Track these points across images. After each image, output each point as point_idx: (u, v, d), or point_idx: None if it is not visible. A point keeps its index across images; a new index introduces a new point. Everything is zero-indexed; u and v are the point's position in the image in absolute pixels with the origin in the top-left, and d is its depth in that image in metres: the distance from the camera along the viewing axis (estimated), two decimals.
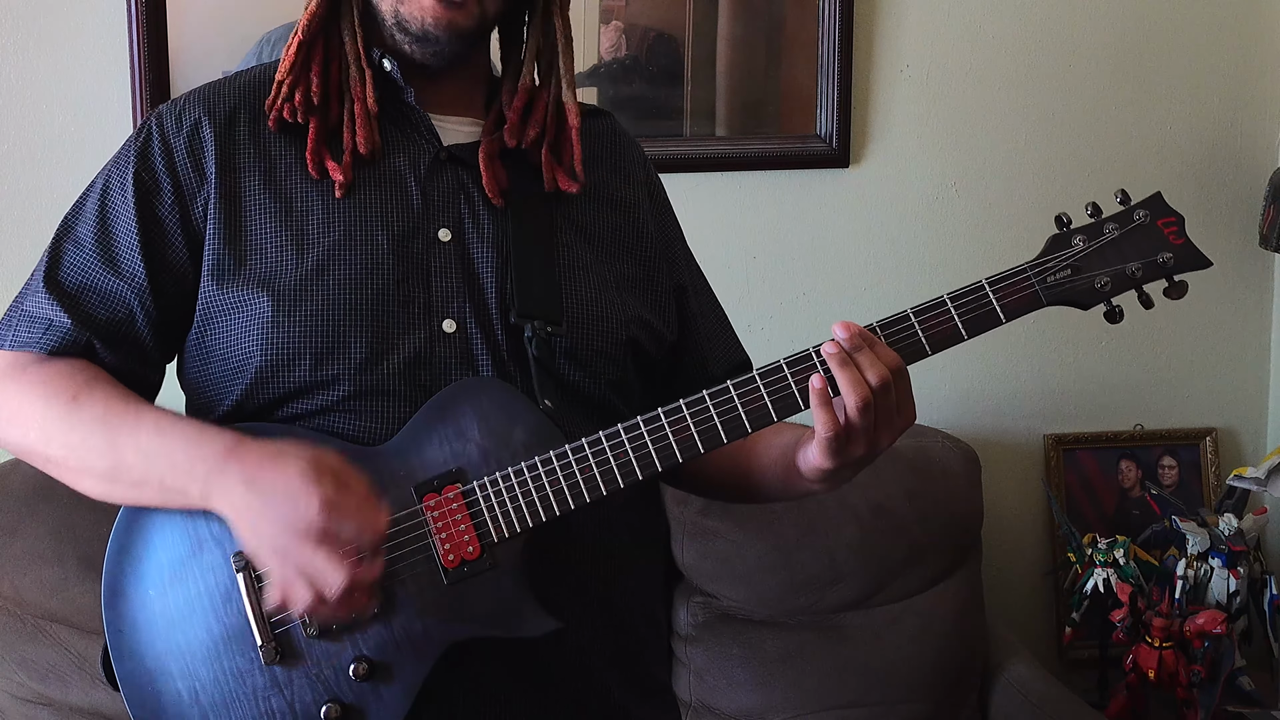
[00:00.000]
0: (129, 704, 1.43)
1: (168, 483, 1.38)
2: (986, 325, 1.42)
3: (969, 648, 2.61)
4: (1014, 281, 1.43)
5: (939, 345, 1.41)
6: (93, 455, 1.41)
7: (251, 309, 1.43)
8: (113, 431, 1.40)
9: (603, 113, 1.67)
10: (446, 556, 1.39)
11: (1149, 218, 1.45)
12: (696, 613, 2.55)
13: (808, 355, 1.42)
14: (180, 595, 1.42)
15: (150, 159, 1.47)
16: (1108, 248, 1.44)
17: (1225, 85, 2.88)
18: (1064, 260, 1.43)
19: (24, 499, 2.35)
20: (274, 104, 1.47)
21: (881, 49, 2.75)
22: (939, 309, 1.41)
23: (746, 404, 1.41)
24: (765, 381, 1.41)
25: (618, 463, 1.40)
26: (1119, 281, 1.43)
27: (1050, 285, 1.43)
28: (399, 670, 1.39)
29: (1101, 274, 1.43)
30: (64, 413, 1.42)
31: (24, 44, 2.48)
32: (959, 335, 1.42)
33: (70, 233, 1.49)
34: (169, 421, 1.41)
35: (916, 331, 1.41)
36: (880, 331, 1.41)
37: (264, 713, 1.40)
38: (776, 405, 1.41)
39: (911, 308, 1.42)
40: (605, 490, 1.40)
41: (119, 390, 1.44)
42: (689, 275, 1.67)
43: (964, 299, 1.42)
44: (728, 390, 1.41)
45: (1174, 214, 1.46)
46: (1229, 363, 2.95)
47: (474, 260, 1.48)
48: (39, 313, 1.46)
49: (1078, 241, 1.44)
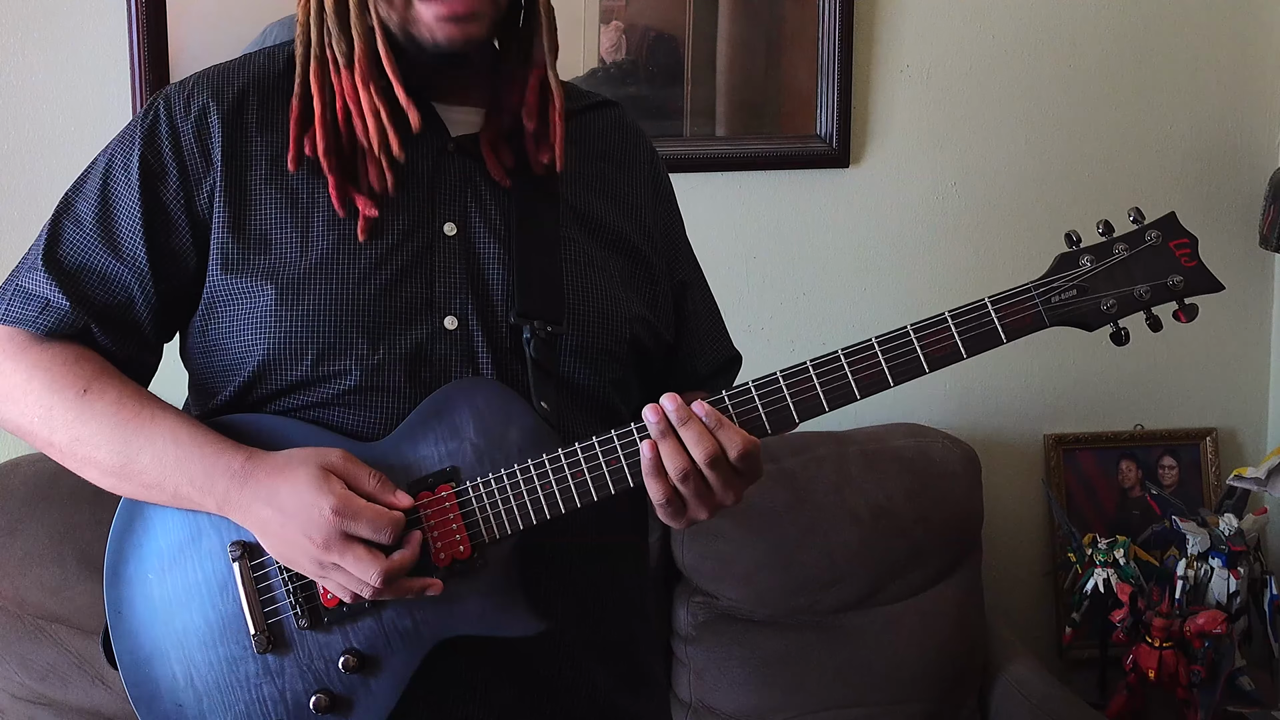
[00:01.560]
0: (126, 683, 1.46)
1: (182, 493, 1.41)
2: (986, 345, 1.41)
3: (969, 648, 2.61)
4: (1017, 301, 1.40)
5: (937, 364, 1.40)
6: (102, 450, 1.42)
7: (256, 299, 1.44)
8: (127, 432, 1.42)
9: (610, 103, 1.66)
10: (438, 555, 1.40)
11: (1161, 239, 1.42)
12: (696, 613, 2.55)
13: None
14: (179, 580, 1.44)
15: (156, 142, 1.47)
16: (1116, 268, 1.41)
17: (1225, 85, 2.88)
18: (1070, 280, 1.41)
19: (24, 499, 2.35)
20: (289, 149, 1.46)
21: (881, 49, 2.75)
22: (939, 326, 1.40)
23: (741, 414, 1.40)
24: (760, 392, 1.40)
25: (610, 469, 1.40)
26: (1126, 303, 1.41)
27: (1055, 306, 1.40)
28: (388, 664, 1.41)
29: (1108, 295, 1.41)
30: (74, 403, 1.42)
31: (24, 44, 2.48)
32: (958, 354, 1.40)
33: (70, 210, 1.49)
34: (185, 431, 1.42)
35: (915, 349, 1.40)
36: (879, 347, 1.40)
37: (255, 699, 1.42)
38: (769, 418, 1.41)
39: (911, 324, 1.40)
40: (597, 496, 1.40)
41: (129, 386, 1.45)
42: (689, 272, 1.67)
43: (965, 317, 1.40)
44: (733, 393, 1.41)
45: (1187, 235, 1.43)
46: (1229, 363, 2.95)
47: (478, 256, 1.48)
48: (36, 290, 1.46)
49: (1085, 261, 1.41)
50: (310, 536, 1.35)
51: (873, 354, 1.40)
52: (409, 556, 1.37)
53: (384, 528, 1.36)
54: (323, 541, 1.35)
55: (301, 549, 1.36)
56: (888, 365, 1.40)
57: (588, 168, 1.57)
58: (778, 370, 1.41)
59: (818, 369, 1.40)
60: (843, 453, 2.59)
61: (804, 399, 1.40)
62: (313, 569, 1.38)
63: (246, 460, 1.39)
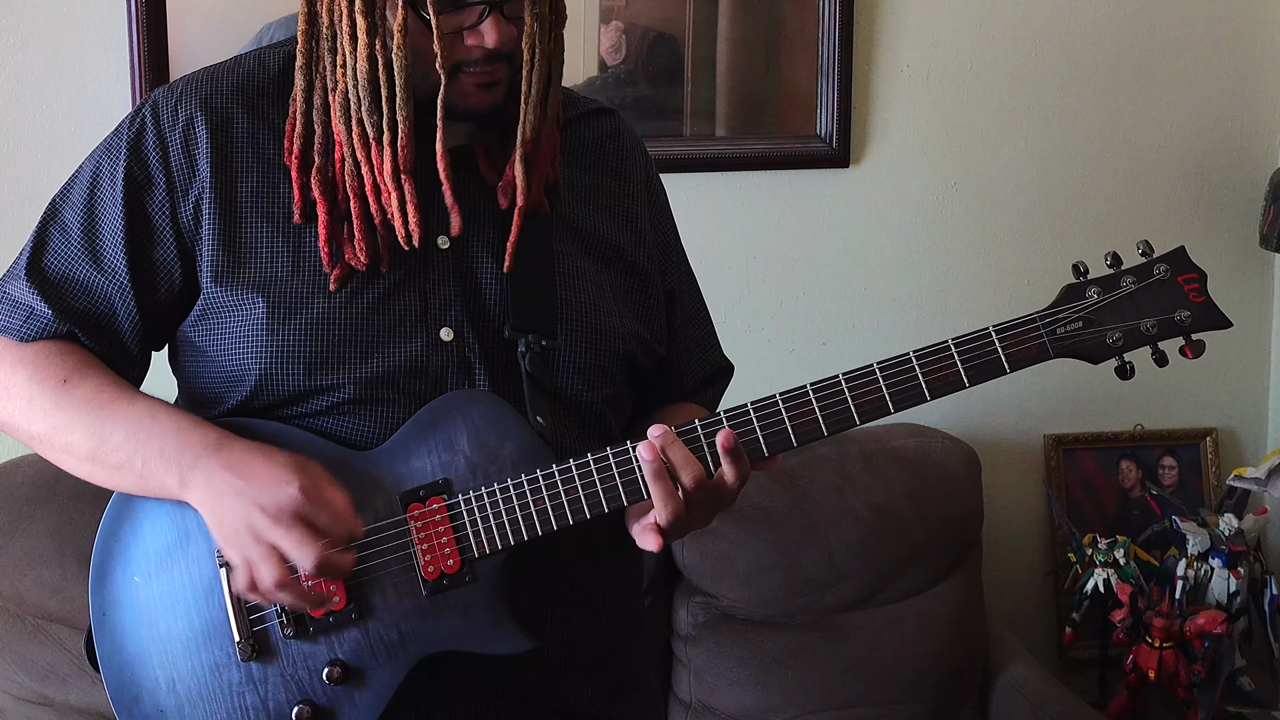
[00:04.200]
0: (108, 686, 1.45)
1: (149, 468, 1.39)
2: (990, 374, 1.39)
3: (969, 648, 2.61)
4: (1022, 331, 1.39)
5: (939, 392, 1.39)
6: (77, 435, 1.42)
7: (247, 312, 1.43)
8: (102, 412, 1.41)
9: (607, 110, 1.64)
10: (426, 568, 1.39)
11: (1169, 273, 1.41)
12: (696, 613, 2.54)
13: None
14: (164, 584, 1.43)
15: (143, 152, 1.46)
16: (1123, 301, 1.40)
17: (1225, 85, 2.88)
18: (1076, 312, 1.40)
19: (24, 499, 2.35)
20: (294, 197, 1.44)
21: (881, 49, 2.75)
22: (942, 354, 1.39)
23: (740, 433, 1.39)
24: (758, 415, 1.40)
25: (604, 486, 1.39)
26: (1132, 338, 1.40)
27: (1060, 337, 1.40)
28: (372, 676, 1.40)
29: (1114, 329, 1.40)
30: (54, 392, 1.42)
31: (24, 44, 2.48)
32: (960, 383, 1.39)
33: (57, 218, 1.49)
34: (162, 410, 1.42)
35: (918, 376, 1.39)
36: (880, 373, 1.39)
37: (238, 707, 1.41)
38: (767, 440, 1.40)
39: (914, 351, 1.39)
40: (590, 514, 1.40)
41: (111, 376, 1.45)
42: (680, 281, 1.65)
43: (969, 346, 1.39)
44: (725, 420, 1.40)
45: (1196, 270, 1.41)
46: (1229, 363, 2.95)
47: (472, 268, 1.47)
48: (21, 299, 1.46)
49: (1092, 293, 1.41)
50: (263, 506, 1.32)
51: (874, 380, 1.39)
52: (347, 561, 1.34)
53: (342, 525, 1.34)
54: (274, 514, 1.32)
55: (245, 520, 1.33)
56: (889, 392, 1.39)
57: (583, 179, 1.56)
58: (777, 393, 1.40)
59: (818, 393, 1.39)
60: (843, 453, 2.59)
61: (802, 424, 1.39)
62: (246, 546, 1.33)
63: (223, 435, 1.39)
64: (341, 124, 1.41)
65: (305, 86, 1.43)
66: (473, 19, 1.38)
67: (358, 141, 1.40)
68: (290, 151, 1.43)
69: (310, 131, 1.43)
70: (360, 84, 1.38)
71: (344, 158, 1.42)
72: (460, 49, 1.39)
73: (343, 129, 1.41)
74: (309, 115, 1.43)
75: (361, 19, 1.37)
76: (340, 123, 1.41)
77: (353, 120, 1.40)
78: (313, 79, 1.43)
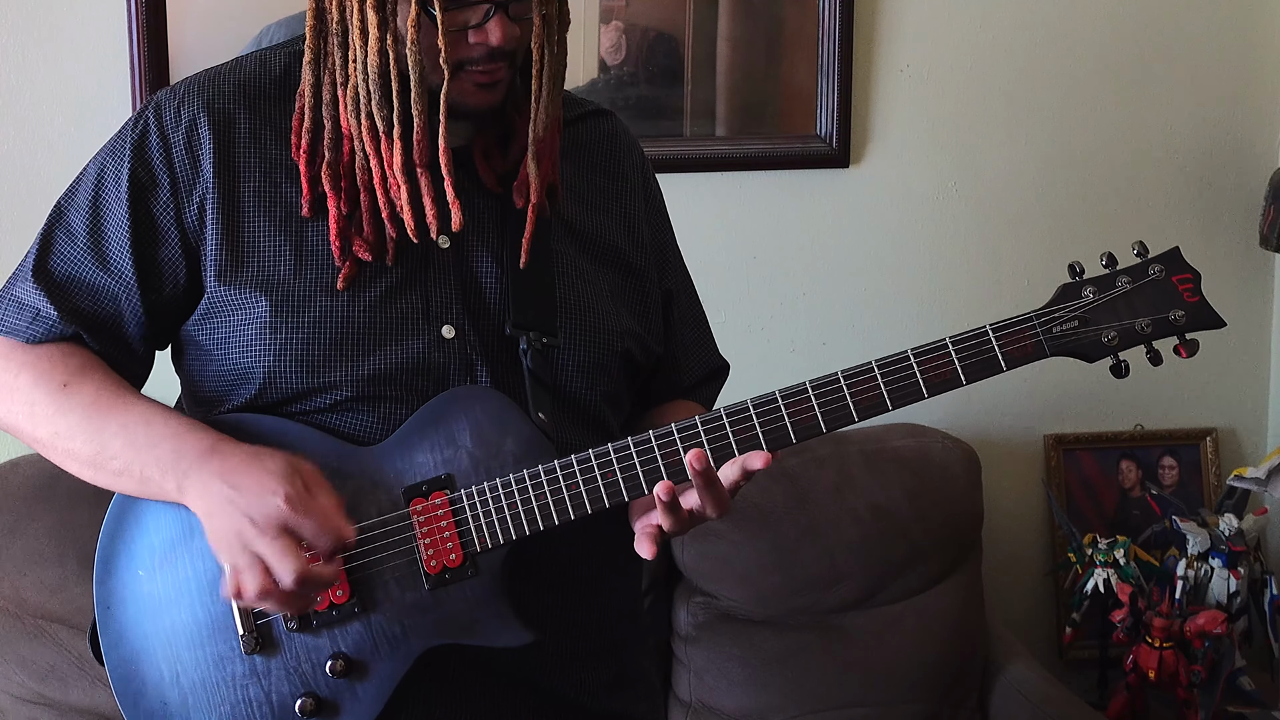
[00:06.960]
0: (113, 680, 1.46)
1: (147, 474, 1.41)
2: (986, 372, 1.41)
3: (969, 648, 2.61)
4: (1018, 330, 1.41)
5: (936, 389, 1.40)
6: (78, 441, 1.43)
7: (251, 311, 1.44)
8: (101, 419, 1.42)
9: (603, 112, 1.66)
10: (429, 562, 1.41)
11: (1164, 273, 1.43)
12: (696, 613, 2.55)
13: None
14: (168, 578, 1.44)
15: (147, 153, 1.47)
16: (1119, 301, 1.42)
17: (1225, 85, 2.88)
18: (1072, 311, 1.42)
19: (24, 499, 2.35)
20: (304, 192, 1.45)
21: (881, 49, 2.75)
22: (939, 352, 1.41)
23: (737, 433, 1.40)
24: (758, 411, 1.40)
25: (605, 482, 1.40)
26: (1127, 337, 1.42)
27: (1056, 336, 1.42)
28: (375, 669, 1.41)
29: (1110, 328, 1.42)
30: (55, 397, 1.43)
31: (24, 44, 2.48)
32: (958, 380, 1.41)
33: (62, 219, 1.50)
34: (158, 416, 1.43)
35: (915, 374, 1.40)
36: (878, 371, 1.40)
37: (241, 700, 1.42)
38: (766, 437, 1.40)
39: (912, 349, 1.41)
40: (591, 509, 1.41)
41: (110, 378, 1.46)
42: (676, 281, 1.67)
43: (966, 344, 1.41)
44: (725, 416, 1.40)
45: (1190, 270, 1.44)
46: (1229, 363, 2.95)
47: (472, 267, 1.48)
48: (28, 300, 1.47)
49: (1088, 293, 1.42)
50: (252, 517, 1.33)
51: (872, 377, 1.40)
52: (328, 573, 1.35)
53: (326, 534, 1.34)
54: (261, 525, 1.33)
55: (237, 530, 1.34)
56: (887, 389, 1.40)
57: (580, 180, 1.57)
58: (776, 390, 1.41)
59: (816, 390, 1.40)
60: (843, 453, 2.59)
61: (801, 420, 1.40)
62: (234, 554, 1.34)
63: (217, 440, 1.40)
64: (352, 118, 1.42)
65: (314, 81, 1.44)
66: (478, 17, 1.39)
67: (368, 135, 1.42)
68: (298, 146, 1.44)
69: (319, 126, 1.44)
70: (371, 78, 1.40)
71: (353, 151, 1.43)
72: (464, 46, 1.40)
73: (353, 123, 1.42)
74: (318, 110, 1.44)
75: (373, 13, 1.38)
76: (350, 117, 1.42)
77: (363, 114, 1.41)
78: (321, 74, 1.44)
